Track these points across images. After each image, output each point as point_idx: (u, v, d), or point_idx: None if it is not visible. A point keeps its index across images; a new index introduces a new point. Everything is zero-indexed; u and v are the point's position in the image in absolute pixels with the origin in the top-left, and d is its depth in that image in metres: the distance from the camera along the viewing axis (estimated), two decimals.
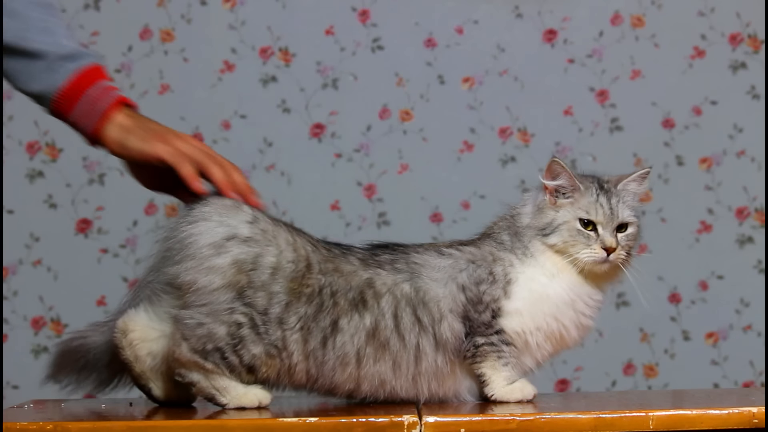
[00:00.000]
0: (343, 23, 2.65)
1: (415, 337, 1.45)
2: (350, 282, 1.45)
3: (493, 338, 1.49)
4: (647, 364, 2.66)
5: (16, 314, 2.60)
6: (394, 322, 1.45)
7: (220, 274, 1.41)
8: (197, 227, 1.43)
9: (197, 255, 1.42)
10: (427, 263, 1.48)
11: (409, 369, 1.46)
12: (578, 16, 2.67)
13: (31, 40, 1.54)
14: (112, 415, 1.46)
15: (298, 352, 1.42)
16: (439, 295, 1.47)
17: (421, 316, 1.46)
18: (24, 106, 2.63)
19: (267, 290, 1.42)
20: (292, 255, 1.43)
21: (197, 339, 1.42)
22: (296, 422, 1.34)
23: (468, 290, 1.48)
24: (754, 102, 2.67)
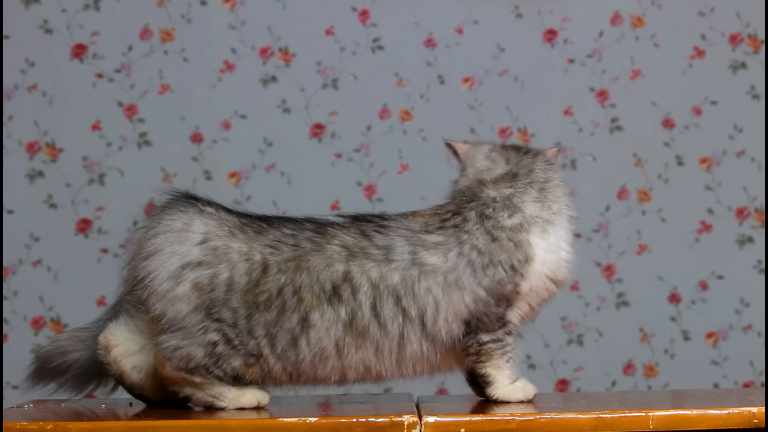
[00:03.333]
0: (343, 23, 2.65)
1: (399, 326, 1.45)
2: (318, 276, 1.44)
3: (498, 333, 1.49)
4: (647, 364, 2.66)
5: (16, 314, 2.60)
6: (373, 313, 1.45)
7: (185, 300, 1.44)
8: (152, 263, 1.45)
9: (159, 290, 1.44)
10: (428, 261, 1.47)
11: (392, 354, 1.46)
12: (578, 16, 2.67)
13: None
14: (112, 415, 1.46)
15: (271, 356, 1.44)
16: (440, 298, 1.46)
17: (408, 308, 1.45)
18: (24, 106, 2.63)
19: (228, 305, 1.44)
20: (245, 266, 1.45)
21: (178, 360, 1.44)
22: (296, 422, 1.33)
23: (494, 289, 1.48)
24: (754, 102, 2.67)
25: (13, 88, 2.61)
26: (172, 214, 1.47)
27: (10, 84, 2.61)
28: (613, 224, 2.67)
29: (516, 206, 1.51)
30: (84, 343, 1.53)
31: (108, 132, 2.63)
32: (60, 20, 2.61)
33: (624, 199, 2.67)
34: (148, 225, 1.47)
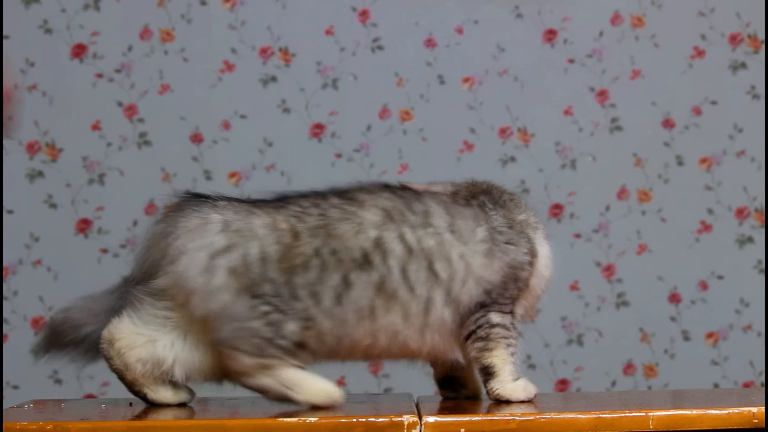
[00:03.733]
0: (343, 23, 2.65)
1: (427, 290, 1.46)
2: (346, 243, 1.45)
3: (506, 318, 1.50)
4: (647, 364, 2.66)
5: (16, 314, 2.60)
6: (402, 276, 1.45)
7: (225, 289, 1.43)
8: (180, 265, 1.44)
9: (196, 288, 1.43)
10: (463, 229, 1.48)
11: (418, 319, 1.46)
12: (578, 16, 2.67)
13: None
14: (112, 415, 1.46)
15: (320, 315, 1.43)
16: (472, 264, 1.47)
17: (439, 270, 1.46)
18: (24, 106, 2.63)
19: (266, 278, 1.43)
20: (273, 235, 1.44)
21: (243, 343, 1.43)
22: (296, 422, 1.34)
23: (515, 268, 1.49)
24: (754, 102, 2.67)
25: (13, 87, 2.61)
26: (186, 214, 1.46)
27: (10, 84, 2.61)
28: (613, 224, 2.67)
29: (519, 207, 1.54)
30: (97, 318, 1.50)
31: (108, 132, 2.63)
32: (60, 20, 2.61)
33: (624, 199, 2.67)
34: (164, 231, 1.46)
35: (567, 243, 2.65)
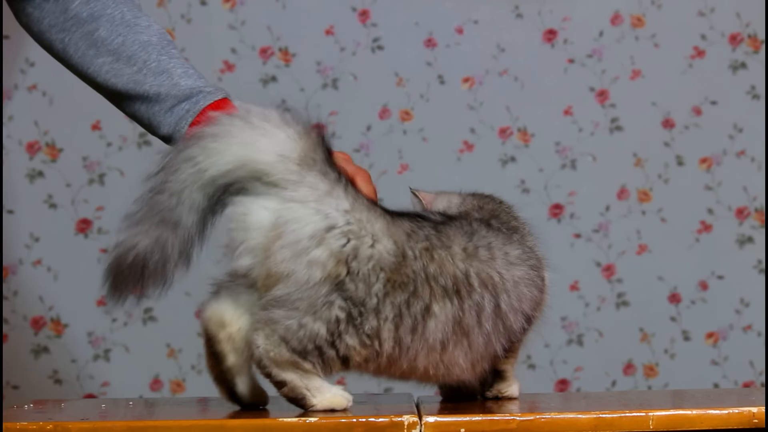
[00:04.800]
0: (343, 23, 2.65)
1: (492, 325, 1.44)
2: (444, 269, 1.41)
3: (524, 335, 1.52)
4: (647, 364, 2.66)
5: (16, 314, 2.60)
6: (477, 310, 1.43)
7: (320, 266, 1.36)
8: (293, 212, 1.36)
9: (296, 246, 1.35)
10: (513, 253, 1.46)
11: (478, 353, 1.44)
12: (578, 16, 2.67)
13: (147, 84, 1.51)
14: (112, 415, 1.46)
15: (389, 339, 1.38)
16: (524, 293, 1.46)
17: (502, 304, 1.44)
18: (24, 106, 2.63)
19: (366, 281, 1.37)
20: (390, 245, 1.38)
21: (298, 341, 1.37)
22: (296, 422, 1.34)
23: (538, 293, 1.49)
24: (754, 102, 2.67)
25: (13, 88, 2.61)
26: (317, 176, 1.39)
27: (10, 84, 2.61)
28: (613, 224, 2.67)
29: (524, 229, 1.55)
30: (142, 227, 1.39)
31: (108, 132, 2.63)
32: None
33: (624, 199, 2.67)
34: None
35: (567, 243, 2.65)
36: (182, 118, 1.51)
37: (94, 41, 1.52)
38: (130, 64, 1.52)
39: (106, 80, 1.54)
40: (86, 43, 1.53)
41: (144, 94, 1.52)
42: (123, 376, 2.61)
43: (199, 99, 1.52)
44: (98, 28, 1.52)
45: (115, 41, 1.52)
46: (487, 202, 1.58)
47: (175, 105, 1.51)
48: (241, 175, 1.39)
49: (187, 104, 1.51)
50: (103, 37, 1.52)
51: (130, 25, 1.54)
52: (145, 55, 1.52)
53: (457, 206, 1.58)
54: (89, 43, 1.53)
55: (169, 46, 1.54)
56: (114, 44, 1.52)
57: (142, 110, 1.53)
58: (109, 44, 1.52)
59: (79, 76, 1.58)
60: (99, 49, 1.52)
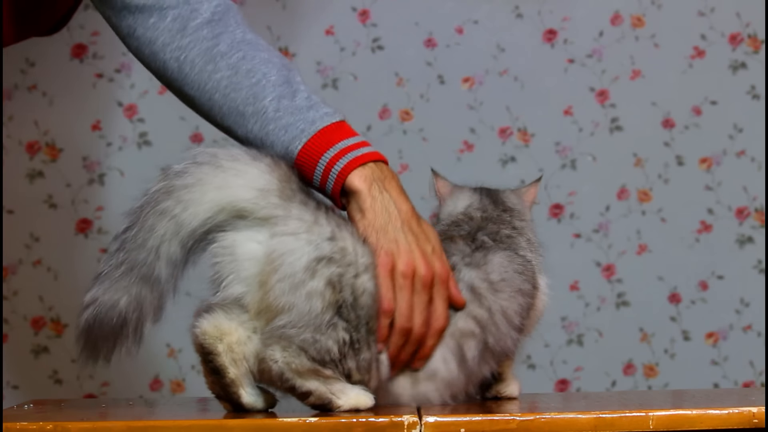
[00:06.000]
0: (343, 23, 2.65)
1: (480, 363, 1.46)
2: None
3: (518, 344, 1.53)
4: (647, 364, 2.66)
5: (16, 314, 2.60)
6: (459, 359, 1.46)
7: (320, 296, 1.38)
8: (286, 245, 1.38)
9: (293, 279, 1.37)
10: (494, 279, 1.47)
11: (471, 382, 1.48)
12: (578, 16, 2.67)
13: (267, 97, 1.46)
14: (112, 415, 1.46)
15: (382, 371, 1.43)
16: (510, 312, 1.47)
17: (488, 337, 1.47)
18: (24, 106, 2.63)
19: (354, 310, 1.40)
20: (370, 282, 1.41)
21: (317, 351, 1.38)
22: (296, 422, 1.34)
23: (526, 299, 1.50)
24: (754, 102, 2.67)
25: (13, 88, 2.61)
26: (300, 206, 1.40)
27: (10, 84, 2.61)
28: (613, 224, 2.67)
29: (519, 245, 1.55)
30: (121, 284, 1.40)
31: (108, 132, 2.63)
32: None
33: (624, 199, 2.67)
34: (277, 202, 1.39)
35: (567, 243, 2.65)
36: (297, 137, 1.45)
37: (212, 57, 1.47)
38: (249, 77, 1.46)
39: (226, 95, 1.46)
40: (204, 59, 1.47)
41: (262, 109, 1.45)
42: (123, 376, 2.61)
43: (316, 119, 1.46)
44: (218, 44, 1.47)
45: (235, 56, 1.47)
46: (490, 203, 1.58)
47: (291, 124, 1.45)
48: (222, 219, 1.39)
49: (303, 123, 1.45)
50: (223, 52, 1.47)
51: (251, 43, 1.49)
52: (265, 69, 1.47)
53: (463, 208, 1.59)
54: (207, 58, 1.47)
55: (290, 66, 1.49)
56: (234, 59, 1.47)
57: (256, 129, 1.46)
58: (228, 58, 1.47)
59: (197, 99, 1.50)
60: (218, 63, 1.47)
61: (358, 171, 1.43)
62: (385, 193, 1.43)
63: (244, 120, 1.46)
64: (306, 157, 1.43)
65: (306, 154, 1.43)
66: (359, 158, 1.44)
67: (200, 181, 1.39)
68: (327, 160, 1.42)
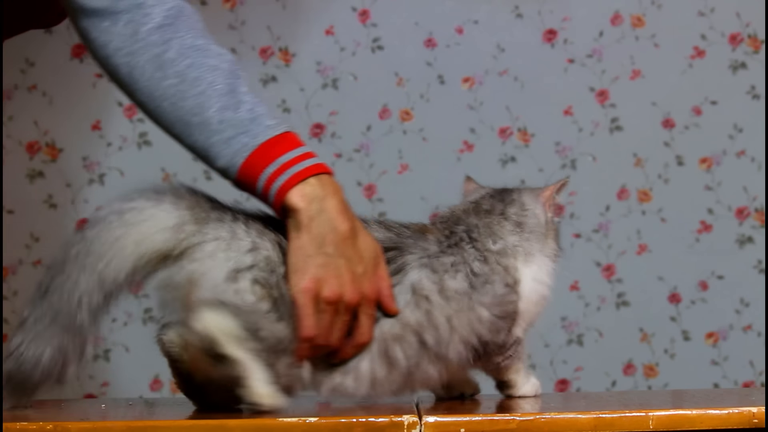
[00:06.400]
0: (343, 23, 2.65)
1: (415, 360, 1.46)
2: None
3: (510, 351, 1.51)
4: (647, 364, 2.66)
5: (16, 314, 2.60)
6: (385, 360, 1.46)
7: (249, 292, 1.39)
8: (204, 265, 1.39)
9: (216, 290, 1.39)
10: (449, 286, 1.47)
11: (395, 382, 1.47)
12: (578, 16, 2.67)
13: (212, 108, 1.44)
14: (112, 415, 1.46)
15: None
16: (459, 325, 1.47)
17: (428, 339, 1.46)
18: (24, 106, 2.63)
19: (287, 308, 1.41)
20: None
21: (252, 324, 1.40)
22: (296, 422, 1.34)
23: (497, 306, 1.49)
24: (754, 102, 2.67)
25: (13, 88, 2.61)
26: (215, 225, 1.42)
27: (10, 84, 2.61)
28: (613, 224, 2.67)
29: (497, 234, 1.52)
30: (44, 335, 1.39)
31: (108, 132, 2.63)
32: None
33: (624, 199, 2.67)
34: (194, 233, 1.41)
35: (567, 243, 2.65)
36: (239, 151, 1.43)
37: (161, 63, 1.45)
38: (195, 85, 1.44)
39: (174, 103, 1.45)
40: (153, 65, 1.46)
41: (207, 121, 1.44)
42: (123, 376, 2.61)
43: (258, 133, 1.43)
44: (167, 51, 1.46)
45: (183, 63, 1.45)
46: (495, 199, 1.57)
47: (233, 137, 1.43)
48: (149, 267, 1.40)
49: (246, 137, 1.43)
50: (172, 59, 1.46)
51: (200, 49, 1.47)
52: (211, 77, 1.45)
53: (467, 203, 1.60)
54: (156, 65, 1.46)
55: (238, 72, 1.48)
56: (182, 66, 1.45)
57: (201, 140, 1.45)
58: (177, 65, 1.45)
59: (146, 105, 1.49)
60: (166, 71, 1.45)
61: (297, 188, 1.41)
62: (323, 214, 1.41)
63: (190, 130, 1.45)
64: (247, 172, 1.42)
65: (247, 170, 1.42)
66: (300, 173, 1.42)
67: (117, 240, 1.40)
68: (267, 176, 1.41)
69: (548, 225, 1.56)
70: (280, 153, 1.42)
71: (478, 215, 1.54)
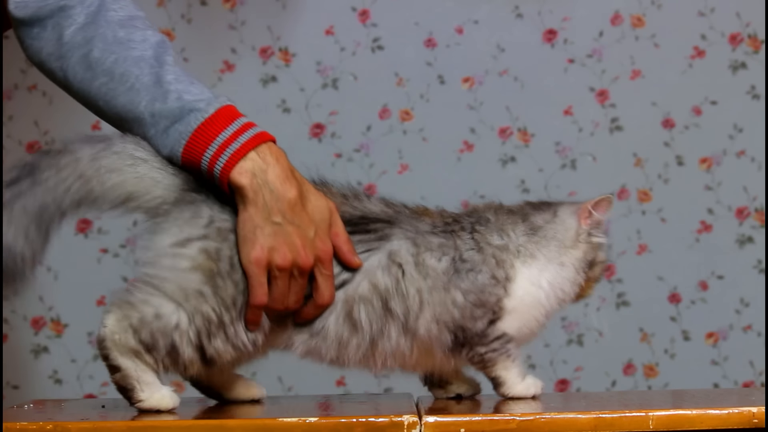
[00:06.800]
0: (343, 23, 2.65)
1: (379, 326, 1.47)
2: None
3: (494, 344, 1.51)
4: (647, 364, 2.66)
5: (16, 314, 2.60)
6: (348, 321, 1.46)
7: (189, 258, 1.41)
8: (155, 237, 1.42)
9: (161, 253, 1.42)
10: (428, 263, 1.48)
11: (360, 348, 1.47)
12: (578, 16, 2.67)
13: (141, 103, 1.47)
14: (112, 415, 1.46)
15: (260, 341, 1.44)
16: (426, 299, 1.47)
17: (394, 307, 1.47)
18: (24, 106, 2.63)
19: (231, 278, 1.41)
20: None
21: (150, 333, 1.41)
22: (296, 422, 1.34)
23: (475, 293, 1.49)
24: (754, 102, 2.67)
25: (13, 88, 2.62)
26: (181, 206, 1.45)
27: (10, 84, 2.61)
28: (613, 224, 2.67)
29: (506, 232, 1.53)
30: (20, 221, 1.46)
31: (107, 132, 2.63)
32: None
33: (624, 199, 2.67)
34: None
35: None
36: (177, 141, 1.44)
37: (89, 64, 1.47)
38: (123, 82, 1.46)
39: (107, 102, 1.49)
40: (83, 67, 1.48)
41: (140, 116, 1.46)
42: None
43: (190, 120, 1.44)
44: (92, 50, 1.47)
45: (109, 60, 1.47)
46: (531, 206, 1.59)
47: (169, 127, 1.45)
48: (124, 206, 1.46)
49: (180, 125, 1.44)
50: (97, 58, 1.47)
51: (123, 42, 1.48)
52: (137, 70, 1.46)
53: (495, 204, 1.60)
54: (85, 66, 1.48)
55: (164, 56, 1.48)
56: (108, 63, 1.47)
57: (142, 134, 1.47)
58: (103, 64, 1.47)
59: (84, 105, 1.54)
60: (95, 71, 1.48)
61: (238, 167, 1.42)
62: (266, 186, 1.42)
63: (129, 125, 1.48)
64: (189, 159, 1.44)
65: (188, 157, 1.43)
66: (238, 152, 1.42)
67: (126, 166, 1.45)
68: (207, 161, 1.42)
69: (578, 236, 1.56)
70: (215, 134, 1.43)
71: (498, 213, 1.55)
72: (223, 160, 1.42)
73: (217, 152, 1.42)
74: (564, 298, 1.55)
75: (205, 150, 1.43)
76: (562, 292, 1.54)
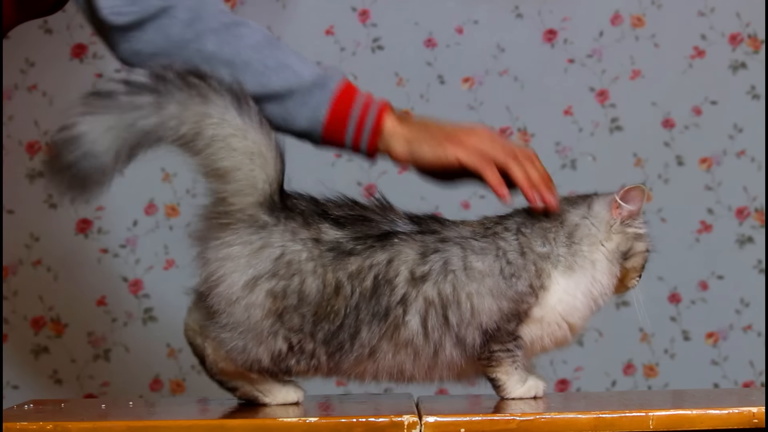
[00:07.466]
0: (343, 23, 2.65)
1: (440, 336, 1.47)
2: (379, 299, 1.46)
3: (509, 345, 1.51)
4: (647, 364, 2.66)
5: (16, 314, 2.60)
6: (422, 329, 1.46)
7: (259, 307, 1.43)
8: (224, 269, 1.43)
9: (231, 296, 1.43)
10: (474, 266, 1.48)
11: (427, 360, 1.47)
12: (578, 16, 2.67)
13: (273, 83, 1.53)
14: (112, 415, 1.46)
15: (323, 356, 1.45)
16: (480, 306, 1.48)
17: (450, 317, 1.47)
18: (24, 106, 2.63)
19: (299, 312, 1.43)
20: (317, 282, 1.44)
21: (243, 362, 1.45)
22: (296, 422, 1.34)
23: (514, 302, 1.49)
24: (754, 102, 2.67)
25: (13, 88, 2.61)
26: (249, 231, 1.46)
27: (10, 84, 2.61)
28: None
29: (548, 239, 1.53)
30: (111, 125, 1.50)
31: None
32: (60, 20, 2.61)
33: None
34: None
35: None
36: (317, 107, 1.54)
37: (206, 57, 1.51)
38: (250, 69, 1.52)
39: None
40: (198, 60, 1.50)
41: (274, 93, 1.52)
42: (123, 376, 2.61)
43: (325, 84, 1.56)
44: (206, 44, 1.52)
45: (226, 51, 1.52)
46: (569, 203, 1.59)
47: (306, 96, 1.54)
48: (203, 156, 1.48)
49: (319, 93, 1.55)
50: (213, 51, 1.52)
51: (235, 34, 1.54)
52: (259, 56, 1.53)
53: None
54: (201, 59, 1.51)
55: (276, 41, 1.57)
56: (227, 54, 1.52)
57: (275, 110, 1.53)
58: (221, 56, 1.52)
59: None
60: (213, 64, 1.50)
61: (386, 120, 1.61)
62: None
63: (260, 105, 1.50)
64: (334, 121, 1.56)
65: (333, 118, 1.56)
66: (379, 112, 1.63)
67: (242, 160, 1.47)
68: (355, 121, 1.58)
69: (611, 228, 1.57)
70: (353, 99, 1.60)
71: (538, 217, 1.55)
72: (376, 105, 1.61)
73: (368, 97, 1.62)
74: (598, 299, 1.57)
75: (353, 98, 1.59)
76: (594, 303, 1.56)
